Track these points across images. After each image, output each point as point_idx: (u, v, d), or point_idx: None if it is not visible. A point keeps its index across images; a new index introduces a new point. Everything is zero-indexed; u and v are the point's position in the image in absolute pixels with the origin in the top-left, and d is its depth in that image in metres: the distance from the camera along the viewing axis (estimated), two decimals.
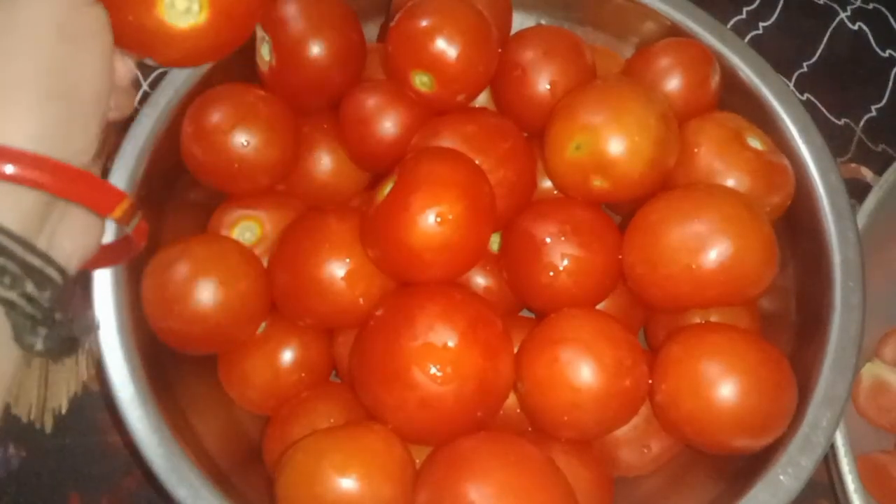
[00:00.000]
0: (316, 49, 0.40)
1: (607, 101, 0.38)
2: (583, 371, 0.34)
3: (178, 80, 0.41)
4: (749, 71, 0.43)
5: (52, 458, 0.45)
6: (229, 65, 0.42)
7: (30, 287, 0.23)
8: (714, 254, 0.35)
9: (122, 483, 0.45)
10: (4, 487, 0.44)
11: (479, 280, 0.41)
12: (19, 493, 0.44)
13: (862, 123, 0.57)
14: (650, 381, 0.36)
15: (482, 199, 0.34)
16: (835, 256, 0.39)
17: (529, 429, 0.38)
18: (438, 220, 0.33)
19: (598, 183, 0.38)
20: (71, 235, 0.27)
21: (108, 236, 0.33)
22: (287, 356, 0.39)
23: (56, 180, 0.23)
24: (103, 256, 0.31)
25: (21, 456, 0.45)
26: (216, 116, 0.39)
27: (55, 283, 0.25)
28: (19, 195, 0.24)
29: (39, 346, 0.24)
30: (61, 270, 0.25)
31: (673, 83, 0.42)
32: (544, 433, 0.37)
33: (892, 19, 0.60)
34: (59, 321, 0.25)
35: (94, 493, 0.44)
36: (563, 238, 0.37)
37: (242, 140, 0.38)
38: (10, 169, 0.23)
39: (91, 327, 0.34)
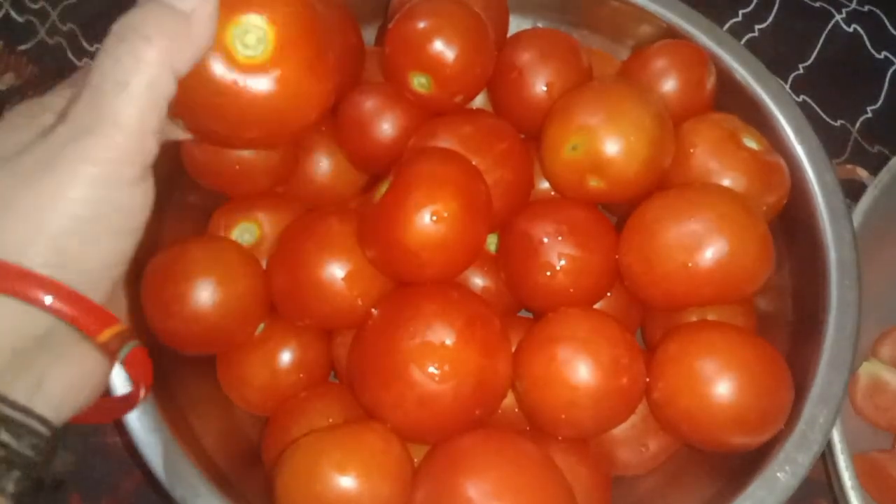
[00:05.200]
0: None
1: (603, 101, 0.38)
2: (580, 369, 0.34)
3: None
4: (744, 72, 0.44)
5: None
6: None
7: (3, 435, 0.22)
8: (710, 252, 0.35)
9: (121, 484, 0.45)
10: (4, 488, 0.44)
11: (477, 280, 0.41)
12: (19, 494, 0.44)
13: (858, 125, 0.58)
14: (647, 380, 0.36)
15: (478, 197, 0.35)
16: (830, 255, 0.39)
17: (528, 428, 0.38)
18: (434, 218, 0.33)
19: (594, 183, 0.39)
20: (64, 381, 0.25)
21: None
22: (286, 357, 0.39)
23: (39, 290, 0.22)
24: (98, 410, 0.29)
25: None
26: None
27: (36, 433, 0.23)
28: None
29: (11, 489, 0.23)
30: (44, 421, 0.24)
31: (669, 84, 0.42)
32: (542, 432, 0.37)
33: (886, 21, 0.61)
34: (38, 466, 0.23)
35: (93, 494, 0.44)
36: (560, 238, 0.38)
37: None
38: None
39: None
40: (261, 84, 0.27)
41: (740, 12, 0.61)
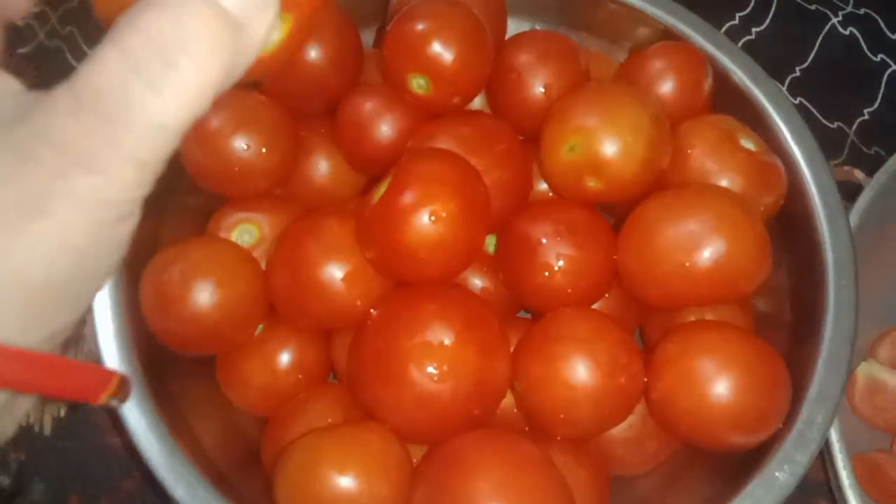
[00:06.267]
0: (313, 53, 0.40)
1: (601, 102, 0.38)
2: (579, 369, 0.34)
3: None
4: (742, 74, 0.44)
5: (51, 461, 0.45)
6: None
7: None
8: (708, 252, 0.35)
9: (120, 485, 0.45)
10: (4, 490, 0.44)
11: (476, 281, 0.41)
12: (19, 495, 0.44)
13: (854, 126, 0.58)
14: (646, 380, 0.36)
15: (476, 197, 0.35)
16: (828, 256, 0.39)
17: (526, 428, 0.38)
18: (433, 218, 0.33)
19: (592, 184, 0.39)
20: None
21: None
22: (285, 358, 0.39)
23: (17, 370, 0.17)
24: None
25: (20, 458, 0.45)
26: (217, 121, 0.39)
27: None
28: None
29: None
30: None
31: (666, 86, 0.42)
32: (541, 432, 0.37)
33: (882, 24, 0.61)
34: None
35: (93, 494, 0.44)
36: (558, 238, 0.38)
37: (243, 144, 0.39)
38: None
39: None
40: None
41: (737, 15, 0.61)
